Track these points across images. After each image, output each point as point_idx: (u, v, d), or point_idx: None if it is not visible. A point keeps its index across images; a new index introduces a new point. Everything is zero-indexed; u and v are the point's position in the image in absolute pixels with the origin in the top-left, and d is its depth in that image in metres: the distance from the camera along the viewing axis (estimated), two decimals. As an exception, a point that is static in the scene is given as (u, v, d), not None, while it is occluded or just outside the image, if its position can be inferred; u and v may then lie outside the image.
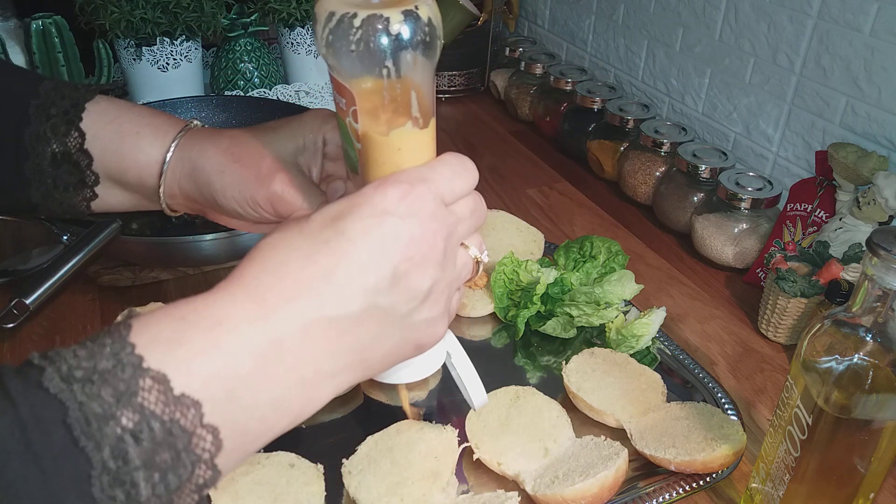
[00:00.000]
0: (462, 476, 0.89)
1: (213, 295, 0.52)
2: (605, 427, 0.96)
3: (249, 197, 0.74)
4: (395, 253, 0.54)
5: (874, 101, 1.17)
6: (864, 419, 0.70)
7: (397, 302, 0.56)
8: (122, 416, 0.44)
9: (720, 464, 0.87)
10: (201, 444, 0.47)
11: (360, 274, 0.53)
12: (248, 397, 0.49)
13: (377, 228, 0.54)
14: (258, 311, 0.51)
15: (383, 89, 0.58)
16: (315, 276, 0.53)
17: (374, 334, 0.56)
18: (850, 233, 1.10)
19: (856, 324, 0.69)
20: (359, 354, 0.56)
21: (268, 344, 0.50)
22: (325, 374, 0.54)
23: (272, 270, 0.53)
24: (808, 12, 1.24)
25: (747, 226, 1.25)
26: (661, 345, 1.08)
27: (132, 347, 0.47)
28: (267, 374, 0.50)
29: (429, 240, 0.56)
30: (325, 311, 0.52)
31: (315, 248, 0.54)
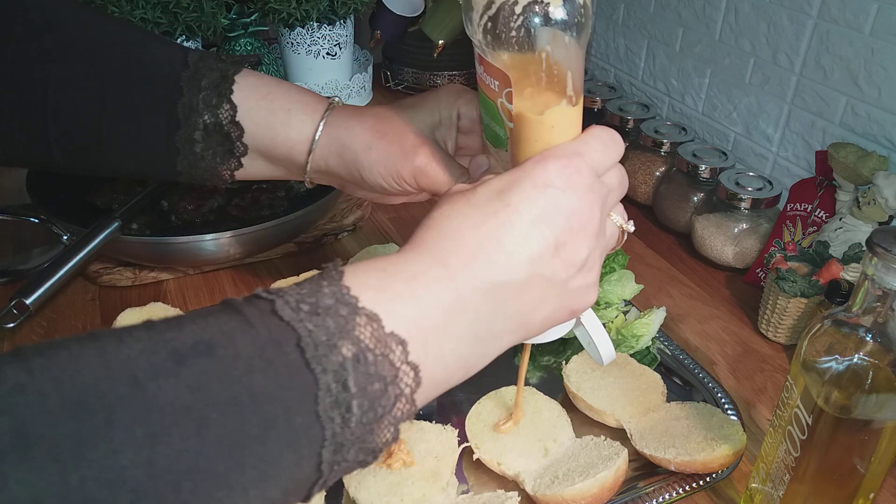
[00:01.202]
0: (462, 476, 0.89)
1: (403, 255, 0.57)
2: (605, 427, 0.96)
3: (395, 172, 0.80)
4: (557, 223, 0.59)
5: (874, 101, 1.17)
6: (864, 419, 0.70)
7: (558, 269, 0.60)
8: (342, 346, 0.50)
9: (720, 464, 0.87)
10: (405, 380, 0.52)
11: (526, 242, 0.58)
12: (436, 346, 0.54)
13: (540, 200, 0.58)
14: (443, 272, 0.56)
15: (541, 71, 0.61)
16: (487, 243, 0.57)
17: (537, 299, 0.60)
18: (850, 233, 1.10)
19: (856, 324, 0.69)
20: (523, 318, 0.60)
21: (452, 301, 0.55)
22: (494, 333, 0.59)
23: (448, 237, 0.58)
24: (808, 12, 1.24)
25: (747, 226, 1.25)
26: (661, 345, 1.08)
27: (347, 289, 0.53)
28: (451, 327, 0.55)
29: (586, 211, 0.60)
30: (497, 276, 0.57)
31: (485, 217, 0.58)
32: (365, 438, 0.52)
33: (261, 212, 1.24)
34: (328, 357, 0.49)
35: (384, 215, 1.41)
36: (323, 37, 1.70)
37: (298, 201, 1.27)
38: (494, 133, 0.69)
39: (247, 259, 1.22)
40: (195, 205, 1.22)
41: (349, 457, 0.52)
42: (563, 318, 0.64)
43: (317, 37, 1.70)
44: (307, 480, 0.51)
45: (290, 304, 0.51)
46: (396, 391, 0.52)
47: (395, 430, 0.54)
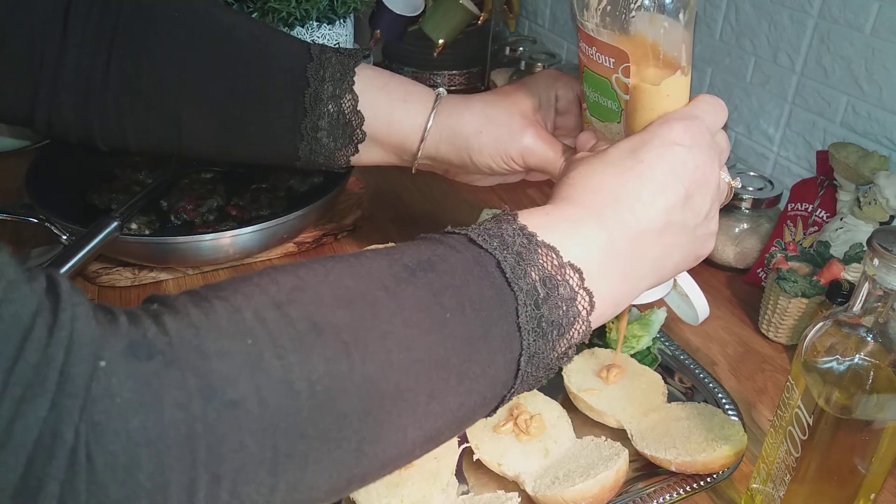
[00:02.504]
0: (462, 476, 0.89)
1: (557, 205, 0.66)
2: (606, 427, 0.96)
3: (504, 152, 0.88)
4: (686, 176, 0.67)
5: (875, 101, 1.16)
6: (865, 419, 0.70)
7: (688, 218, 0.68)
8: (531, 271, 0.58)
9: (721, 464, 0.87)
10: (582, 303, 0.60)
11: (661, 194, 0.66)
12: (598, 280, 0.62)
13: (670, 156, 0.67)
14: (596, 219, 0.64)
15: (660, 45, 0.69)
16: (627, 195, 0.65)
17: (671, 245, 0.68)
18: (851, 233, 1.10)
19: (856, 324, 0.69)
20: (660, 262, 0.68)
21: (606, 243, 0.63)
22: (639, 275, 0.67)
23: (592, 190, 0.66)
24: (808, 11, 1.24)
25: (748, 226, 1.24)
26: (662, 345, 1.08)
27: (525, 227, 0.61)
28: (607, 266, 0.63)
29: (709, 165, 0.68)
30: (640, 224, 0.65)
31: (621, 173, 0.66)
32: (548, 354, 0.60)
33: (260, 212, 1.24)
34: (522, 279, 0.58)
35: (384, 215, 1.41)
36: (322, 36, 1.70)
37: (297, 201, 1.27)
38: (604, 108, 0.77)
39: (246, 259, 1.22)
40: (194, 205, 1.22)
41: (536, 369, 0.60)
42: (689, 264, 0.73)
43: (316, 36, 1.69)
44: (505, 386, 0.60)
45: (482, 235, 0.60)
46: (575, 312, 0.60)
47: (572, 349, 0.62)
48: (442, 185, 1.52)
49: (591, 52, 0.73)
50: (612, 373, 0.98)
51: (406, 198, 1.47)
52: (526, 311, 0.57)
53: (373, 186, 1.47)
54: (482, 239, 0.60)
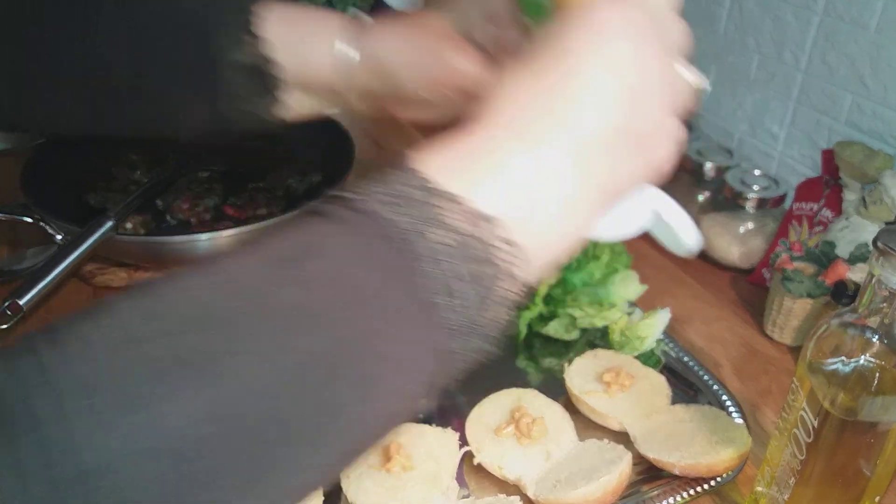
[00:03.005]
0: (462, 480, 0.88)
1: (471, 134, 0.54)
2: (608, 430, 0.95)
3: (431, 76, 0.78)
4: (630, 69, 0.56)
5: (880, 99, 1.15)
6: (871, 421, 0.69)
7: (636, 123, 0.56)
8: (427, 232, 0.48)
9: (725, 467, 0.87)
10: (501, 256, 0.50)
11: (600, 95, 0.54)
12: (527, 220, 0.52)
13: (606, 48, 0.55)
14: (519, 143, 0.53)
15: None
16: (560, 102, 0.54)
17: (618, 157, 0.57)
18: (857, 232, 1.09)
19: (862, 325, 0.69)
20: (605, 178, 0.57)
21: (535, 170, 0.52)
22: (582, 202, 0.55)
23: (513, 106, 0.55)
24: (813, 8, 1.23)
25: (753, 225, 1.24)
26: (666, 346, 1.08)
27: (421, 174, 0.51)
28: (539, 199, 0.53)
29: (657, 58, 0.58)
30: (579, 134, 0.54)
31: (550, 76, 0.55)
32: (475, 321, 0.50)
33: (257, 211, 1.24)
34: (417, 243, 0.48)
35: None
36: (322, 34, 1.70)
37: (295, 201, 1.26)
38: (536, 5, 0.68)
39: (244, 259, 1.21)
40: (191, 204, 1.21)
41: (464, 344, 0.51)
42: (643, 179, 0.62)
43: (316, 34, 1.69)
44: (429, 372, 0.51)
45: (364, 197, 0.50)
46: (493, 269, 0.50)
47: (504, 310, 0.52)
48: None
49: None
50: (613, 385, 0.97)
51: (406, 197, 1.46)
52: (427, 283, 0.48)
53: (373, 186, 1.46)
54: (364, 202, 0.50)
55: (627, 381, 0.97)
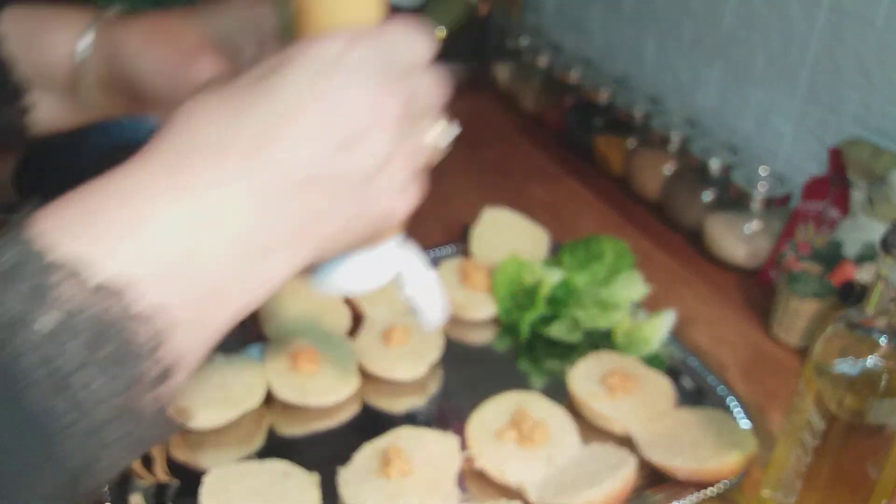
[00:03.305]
0: (463, 485, 0.87)
1: (124, 170, 0.46)
2: (612, 434, 0.94)
3: (175, 81, 0.69)
4: (345, 110, 0.49)
5: (887, 97, 1.15)
6: (878, 424, 0.69)
7: (349, 168, 0.50)
8: (39, 315, 0.40)
9: (730, 471, 0.86)
10: (140, 332, 0.42)
11: (302, 134, 0.48)
12: (177, 280, 0.44)
13: (321, 82, 0.48)
14: (177, 182, 0.45)
15: None
16: (243, 136, 0.47)
17: (325, 204, 0.50)
18: (864, 232, 1.08)
19: (870, 326, 0.68)
20: (310, 226, 0.50)
21: (191, 218, 0.45)
22: (274, 243, 0.48)
23: (189, 137, 0.47)
24: (819, 4, 1.22)
25: (759, 225, 1.23)
26: (671, 348, 1.07)
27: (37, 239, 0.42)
28: (197, 252, 0.45)
29: (384, 98, 0.50)
30: (259, 176, 0.47)
31: (243, 105, 0.48)
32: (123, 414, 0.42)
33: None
34: (21, 336, 0.39)
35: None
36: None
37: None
38: (288, 24, 0.59)
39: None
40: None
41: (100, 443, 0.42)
42: (367, 230, 0.54)
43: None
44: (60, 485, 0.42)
45: None
46: (133, 349, 0.42)
47: (163, 392, 0.44)
48: (443, 183, 1.50)
49: None
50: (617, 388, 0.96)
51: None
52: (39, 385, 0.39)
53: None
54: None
55: (631, 384, 0.96)
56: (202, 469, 0.86)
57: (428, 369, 1.01)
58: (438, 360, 1.03)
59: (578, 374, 0.99)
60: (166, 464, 0.88)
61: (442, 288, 0.69)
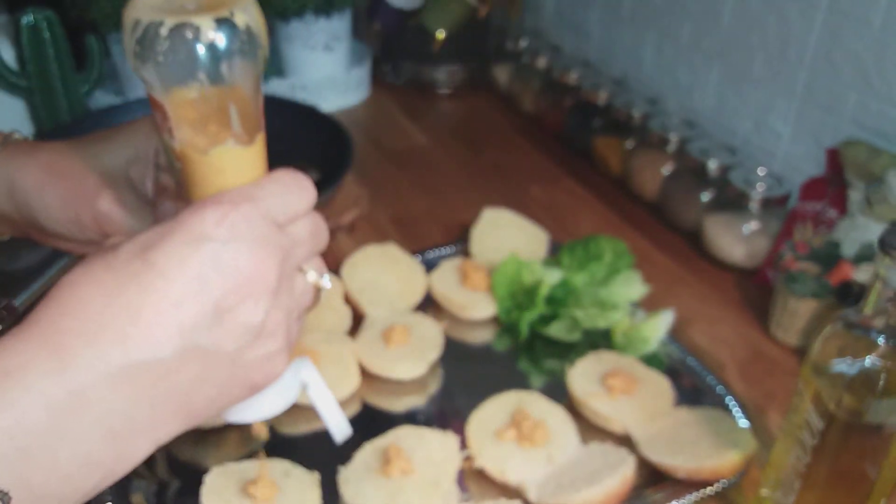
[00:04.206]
0: (463, 484, 0.88)
1: (9, 337, 0.46)
2: (612, 433, 0.95)
3: (74, 216, 0.68)
4: (218, 285, 0.49)
5: (885, 97, 1.15)
6: (876, 424, 0.69)
7: (223, 340, 0.50)
8: None
9: (729, 471, 0.87)
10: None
11: (175, 311, 0.48)
12: (44, 456, 0.44)
13: (194, 256, 0.48)
14: (54, 359, 0.45)
15: (197, 104, 0.53)
16: (120, 315, 0.47)
17: (197, 377, 0.50)
18: (862, 232, 1.09)
19: (868, 326, 0.68)
20: (180, 401, 0.50)
21: (66, 395, 0.44)
22: (139, 426, 0.48)
23: (71, 311, 0.47)
24: (817, 5, 1.22)
25: (757, 225, 1.23)
26: (669, 348, 1.07)
27: None
28: (66, 429, 0.45)
29: (258, 267, 0.50)
30: (132, 355, 0.46)
31: (121, 283, 0.48)
32: None
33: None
34: None
35: (383, 214, 1.40)
36: (320, 29, 1.69)
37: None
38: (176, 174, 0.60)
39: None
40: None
41: None
42: (241, 396, 0.54)
43: (313, 29, 1.69)
44: None
45: None
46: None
47: None
48: (443, 183, 1.51)
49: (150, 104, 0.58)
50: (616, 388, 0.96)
51: (406, 197, 1.46)
52: None
53: (372, 184, 1.46)
54: None
55: (631, 383, 0.96)
56: (204, 468, 0.86)
57: (428, 369, 1.02)
58: (438, 360, 1.03)
59: (578, 373, 0.99)
60: (167, 463, 0.88)
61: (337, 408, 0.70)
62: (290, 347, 0.56)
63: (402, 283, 1.15)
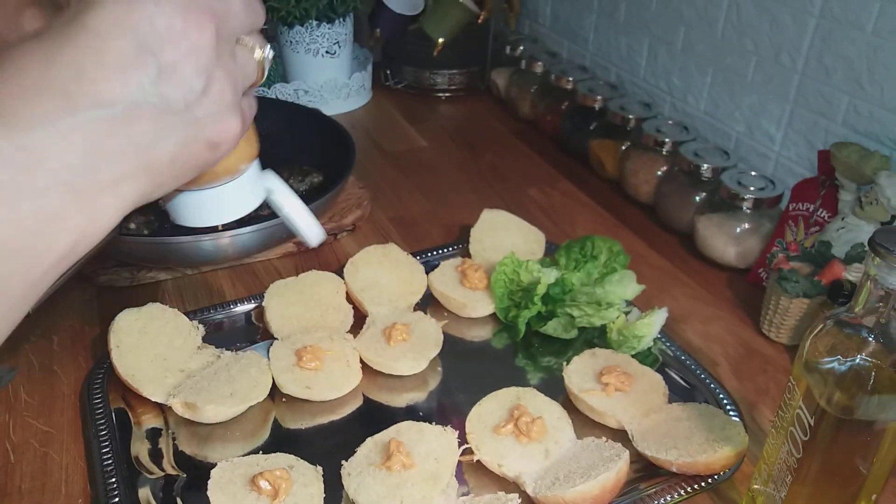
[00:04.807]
0: (462, 478, 0.89)
1: None
2: (607, 428, 0.95)
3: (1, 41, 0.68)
4: (155, 41, 0.50)
5: (876, 101, 1.16)
6: (867, 420, 0.70)
7: (170, 94, 0.52)
8: None
9: (722, 465, 0.87)
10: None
11: (117, 68, 0.49)
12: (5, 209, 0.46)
13: (128, 16, 0.50)
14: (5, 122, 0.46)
15: None
16: (61, 75, 0.48)
17: (152, 132, 0.52)
18: (853, 233, 1.09)
19: (858, 324, 0.69)
20: (139, 157, 0.52)
21: (16, 150, 0.46)
22: (100, 181, 0.50)
23: (10, 78, 0.48)
24: (810, 11, 1.23)
25: (749, 225, 1.24)
26: (663, 345, 1.08)
27: None
28: (23, 182, 0.46)
29: (193, 24, 0.52)
30: (80, 112, 0.48)
31: (57, 47, 0.49)
32: None
33: (259, 211, 1.24)
34: None
35: (384, 215, 1.41)
36: (322, 35, 1.70)
37: (297, 201, 1.26)
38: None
39: (245, 259, 1.22)
40: (193, 205, 1.21)
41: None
42: (202, 155, 0.56)
43: (316, 35, 1.70)
44: None
45: None
46: None
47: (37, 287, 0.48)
48: (443, 185, 1.52)
49: None
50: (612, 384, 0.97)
51: (406, 198, 1.47)
52: None
53: (373, 186, 1.47)
54: None
55: (625, 380, 0.97)
56: (210, 462, 0.87)
57: (428, 365, 1.03)
58: (438, 357, 1.04)
59: (574, 370, 1.00)
60: (174, 457, 0.89)
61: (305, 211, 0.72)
62: (246, 118, 0.59)
63: (403, 283, 1.16)
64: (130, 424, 0.93)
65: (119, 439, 0.91)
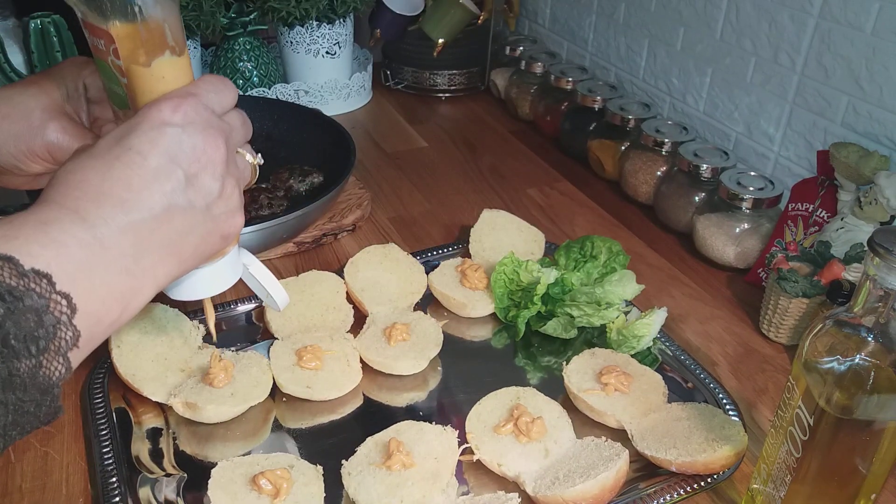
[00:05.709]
0: (462, 477, 0.89)
1: (31, 209, 0.59)
2: (606, 428, 0.96)
3: (26, 149, 0.80)
4: (183, 157, 0.64)
5: (876, 101, 1.16)
6: (866, 420, 0.70)
7: (195, 198, 0.65)
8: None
9: (721, 465, 0.87)
10: (59, 307, 0.55)
11: (155, 180, 0.62)
12: (83, 279, 0.57)
13: (161, 139, 0.63)
14: (75, 217, 0.58)
15: (138, 26, 0.67)
16: (115, 187, 0.60)
17: (182, 229, 0.65)
18: (852, 233, 1.10)
19: (857, 324, 0.69)
20: (172, 248, 0.64)
21: (91, 240, 0.58)
22: (145, 267, 0.62)
23: (75, 188, 0.60)
24: (809, 11, 1.23)
25: (749, 226, 1.24)
26: (663, 345, 1.08)
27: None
28: (95, 263, 0.58)
29: (210, 143, 0.65)
30: (131, 214, 0.61)
31: (108, 164, 0.61)
32: (33, 372, 0.54)
33: (260, 211, 1.24)
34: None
35: (384, 215, 1.41)
36: (322, 36, 1.70)
37: (297, 201, 1.26)
38: (116, 94, 0.73)
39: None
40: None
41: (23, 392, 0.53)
42: (216, 244, 0.69)
43: (316, 36, 1.70)
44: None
45: None
46: (53, 319, 0.54)
47: (64, 360, 0.56)
48: (443, 185, 1.52)
49: (87, 35, 0.70)
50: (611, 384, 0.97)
51: (406, 198, 1.47)
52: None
53: (374, 187, 1.47)
54: None
55: (625, 379, 0.97)
56: (210, 462, 0.88)
57: (428, 365, 1.03)
58: (438, 357, 1.04)
59: (573, 370, 1.00)
60: (174, 457, 0.89)
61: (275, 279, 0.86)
62: (241, 215, 0.72)
63: (403, 283, 1.16)
64: (131, 424, 0.93)
65: (120, 439, 0.91)
